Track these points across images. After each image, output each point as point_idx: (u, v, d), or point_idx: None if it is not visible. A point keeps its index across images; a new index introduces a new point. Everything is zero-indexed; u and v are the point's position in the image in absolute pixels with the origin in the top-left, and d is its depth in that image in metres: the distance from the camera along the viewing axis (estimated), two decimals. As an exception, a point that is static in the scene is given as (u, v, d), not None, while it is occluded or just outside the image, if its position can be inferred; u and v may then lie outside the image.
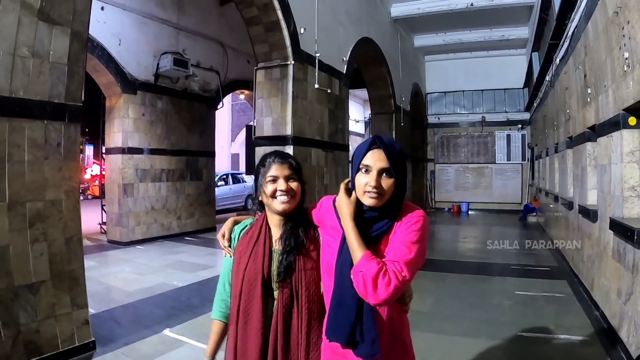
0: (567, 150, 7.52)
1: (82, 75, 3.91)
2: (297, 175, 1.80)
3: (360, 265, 1.42)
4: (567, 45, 6.90)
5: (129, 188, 9.57)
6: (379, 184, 1.51)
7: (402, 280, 1.38)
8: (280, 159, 1.79)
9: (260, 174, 1.79)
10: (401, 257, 1.43)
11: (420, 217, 1.53)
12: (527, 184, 17.20)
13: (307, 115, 8.03)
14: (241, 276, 1.76)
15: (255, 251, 1.78)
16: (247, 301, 1.74)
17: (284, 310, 1.72)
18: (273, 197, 1.76)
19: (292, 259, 1.74)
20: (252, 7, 7.34)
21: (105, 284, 6.45)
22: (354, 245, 1.47)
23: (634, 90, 3.76)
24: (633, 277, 3.73)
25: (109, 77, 9.08)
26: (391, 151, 1.53)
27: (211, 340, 1.92)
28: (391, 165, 1.51)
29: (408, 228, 1.50)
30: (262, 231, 1.81)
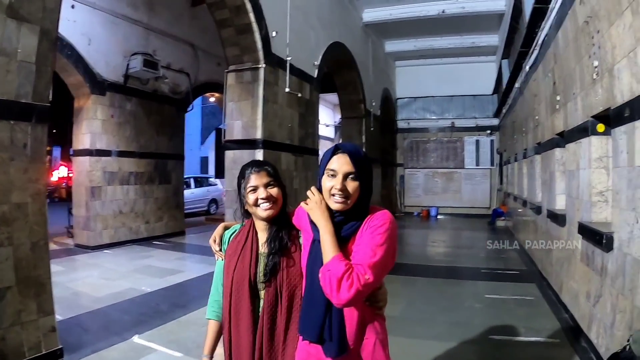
0: (536, 155, 7.68)
1: (51, 75, 3.77)
2: (275, 181, 1.90)
3: (329, 264, 1.47)
4: (537, 53, 7.06)
5: (96, 191, 9.34)
6: (345, 187, 1.57)
7: (364, 283, 1.41)
8: (257, 168, 1.90)
9: (242, 186, 1.90)
10: (366, 260, 1.46)
11: (386, 220, 1.57)
12: (496, 188, 17.54)
13: (278, 119, 7.97)
14: (230, 277, 1.87)
15: (243, 254, 1.88)
16: (237, 301, 1.84)
17: (270, 309, 1.80)
18: (256, 205, 1.86)
19: (277, 260, 1.83)
20: (224, 9, 7.25)
21: (73, 289, 6.26)
22: (328, 245, 1.52)
23: (602, 98, 3.86)
24: (602, 279, 3.81)
25: (77, 77, 8.85)
26: (355, 155, 1.61)
27: (208, 339, 2.02)
28: (355, 168, 1.58)
29: (374, 231, 1.53)
30: (250, 235, 1.92)
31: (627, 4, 3.10)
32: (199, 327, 4.80)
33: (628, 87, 3.20)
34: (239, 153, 7.57)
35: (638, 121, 3.03)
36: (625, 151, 3.30)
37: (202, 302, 5.53)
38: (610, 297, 3.55)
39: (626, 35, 3.18)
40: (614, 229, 3.61)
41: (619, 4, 3.28)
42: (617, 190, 3.54)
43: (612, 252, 3.56)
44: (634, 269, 3.08)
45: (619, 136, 3.46)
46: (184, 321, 5.04)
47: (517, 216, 11.06)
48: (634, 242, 3.12)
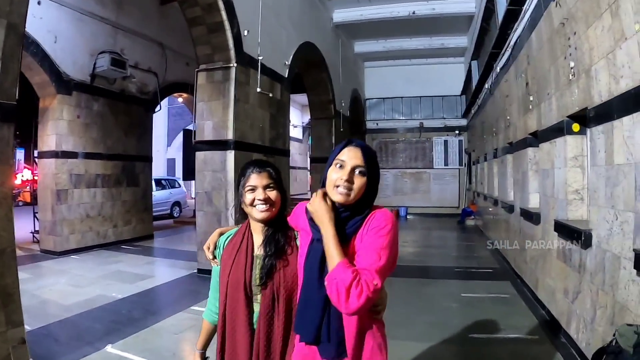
0: (507, 155, 7.82)
1: (18, 72, 3.56)
2: (276, 184, 1.85)
3: (336, 273, 1.40)
4: (509, 54, 7.20)
5: (62, 194, 9.00)
6: (351, 179, 1.54)
7: (373, 289, 1.36)
8: (259, 168, 1.85)
9: (241, 184, 1.86)
10: (372, 264, 1.41)
11: (389, 220, 1.53)
12: (465, 188, 17.84)
13: (249, 119, 7.86)
14: (225, 282, 1.82)
15: (238, 257, 1.83)
16: (232, 306, 1.79)
17: (267, 313, 1.75)
18: (252, 205, 1.82)
19: (273, 262, 1.78)
20: (196, 7, 7.10)
21: (40, 297, 5.99)
22: (332, 251, 1.45)
23: (578, 98, 3.94)
24: (580, 276, 3.89)
25: (43, 76, 8.51)
26: (367, 151, 1.60)
27: (202, 337, 2.02)
28: (365, 164, 1.56)
29: (377, 232, 1.49)
30: (245, 238, 1.87)
31: (607, 6, 3.17)
32: (173, 335, 4.70)
33: (606, 87, 3.28)
34: (210, 154, 7.44)
35: (616, 121, 3.10)
36: (603, 150, 3.38)
37: (176, 309, 5.50)
38: (590, 293, 3.62)
39: (605, 37, 3.25)
40: (592, 226, 3.69)
41: (597, 6, 3.35)
42: (595, 188, 3.62)
43: (591, 248, 3.63)
44: (614, 265, 3.14)
45: (596, 135, 3.53)
46: (158, 329, 4.89)
47: (488, 215, 11.26)
48: (613, 238, 3.19)
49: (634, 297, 2.80)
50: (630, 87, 2.88)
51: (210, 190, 7.40)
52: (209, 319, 2.01)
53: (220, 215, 7.30)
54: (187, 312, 5.39)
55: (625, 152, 2.98)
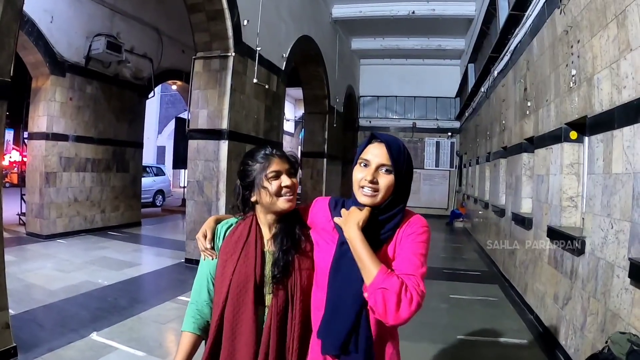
0: (501, 159, 7.86)
1: (14, 48, 3.48)
2: (295, 170, 1.67)
3: (380, 281, 1.28)
4: (508, 59, 7.22)
5: (51, 177, 8.87)
6: (376, 179, 1.43)
7: (422, 295, 1.28)
8: (279, 152, 1.65)
9: (256, 170, 1.61)
10: (415, 270, 1.34)
11: (426, 228, 1.47)
12: (454, 190, 17.93)
13: (244, 110, 7.80)
14: (228, 281, 1.56)
15: (245, 253, 1.59)
16: (236, 309, 1.55)
17: (278, 317, 1.54)
18: (278, 194, 1.59)
19: (290, 258, 1.58)
20: (196, -6, 7.04)
21: (25, 281, 5.90)
22: (367, 260, 1.33)
23: (578, 106, 3.97)
24: (572, 282, 3.93)
25: (37, 56, 8.34)
26: (393, 147, 1.45)
27: (182, 354, 1.60)
28: (391, 161, 1.43)
29: (416, 238, 1.42)
30: (252, 230, 1.64)
31: (613, 17, 3.18)
32: (160, 325, 4.66)
33: (608, 96, 3.29)
34: (203, 143, 7.38)
35: (617, 130, 3.11)
36: (601, 159, 3.40)
37: (162, 298, 5.47)
38: (581, 300, 3.65)
39: (610, 47, 3.26)
40: (586, 233, 3.72)
41: (603, 16, 3.36)
42: (591, 196, 3.64)
43: (584, 256, 3.66)
44: (607, 273, 3.17)
45: (595, 144, 3.55)
46: (144, 317, 4.84)
47: (477, 218, 11.32)
48: (607, 247, 3.22)
49: (627, 306, 2.82)
50: (633, 97, 2.89)
51: (201, 179, 7.35)
52: (193, 329, 1.64)
53: (210, 205, 7.25)
54: (173, 302, 5.35)
55: (624, 162, 3.00)
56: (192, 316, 1.65)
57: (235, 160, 7.19)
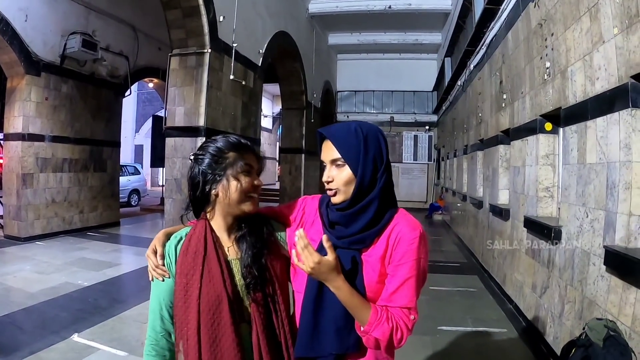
0: (478, 152, 7.95)
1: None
2: (261, 171, 1.50)
3: (371, 328, 1.25)
4: (484, 52, 7.30)
5: (28, 178, 8.67)
6: (331, 178, 1.35)
7: (412, 326, 1.29)
8: (252, 145, 1.47)
9: (229, 159, 1.40)
10: (410, 300, 1.29)
11: (416, 239, 1.31)
12: (433, 183, 18.12)
13: (221, 106, 7.75)
14: (195, 307, 1.33)
15: (207, 269, 1.37)
16: (212, 338, 1.32)
17: (265, 331, 1.37)
18: (247, 193, 1.41)
19: (263, 261, 1.41)
20: (172, -10, 6.95)
21: (4, 284, 5.78)
22: (357, 306, 1.28)
23: (553, 98, 4.03)
24: (549, 271, 4.00)
25: (12, 55, 8.13)
26: (338, 136, 1.35)
27: None
28: (341, 153, 1.32)
29: (409, 258, 1.30)
30: (209, 241, 1.41)
31: (586, 9, 3.23)
32: (141, 324, 4.58)
33: (581, 88, 3.35)
34: (180, 141, 7.30)
35: (590, 121, 3.18)
36: (575, 149, 3.46)
37: (143, 297, 5.41)
38: (559, 288, 3.73)
39: (582, 39, 3.32)
40: (562, 222, 3.78)
41: (577, 9, 3.41)
42: (566, 186, 3.71)
43: (560, 245, 3.73)
44: (583, 261, 3.24)
45: (569, 135, 3.62)
46: (125, 317, 4.80)
47: (455, 210, 11.45)
48: (583, 235, 3.28)
49: (603, 293, 2.89)
50: (605, 89, 2.95)
51: (179, 177, 7.27)
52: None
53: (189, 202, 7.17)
54: (154, 302, 5.30)
55: (597, 152, 3.06)
56: (150, 354, 1.43)
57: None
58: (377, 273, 1.33)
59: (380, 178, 1.34)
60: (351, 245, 1.35)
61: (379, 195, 1.33)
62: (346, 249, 1.35)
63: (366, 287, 1.33)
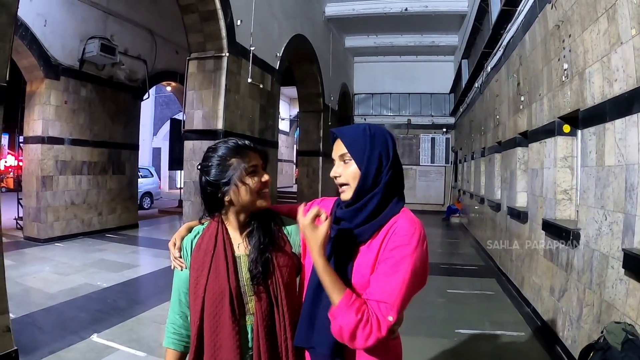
0: (495, 154, 7.90)
1: (9, 53, 3.46)
2: (266, 164, 1.56)
3: (337, 312, 1.23)
4: (501, 54, 7.26)
5: (47, 181, 8.84)
6: (339, 173, 1.39)
7: (386, 327, 1.20)
8: (250, 143, 1.51)
9: (234, 165, 1.45)
10: (389, 296, 1.22)
11: (415, 234, 1.29)
12: (450, 186, 18.00)
13: (239, 109, 7.82)
14: (201, 298, 1.45)
15: (215, 265, 1.46)
16: (213, 328, 1.43)
17: (265, 323, 1.44)
18: (259, 192, 1.47)
19: (269, 256, 1.47)
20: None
21: (24, 285, 5.89)
22: (330, 287, 1.26)
23: (571, 100, 4.00)
24: (567, 275, 3.97)
25: (31, 59, 8.31)
26: (347, 134, 1.40)
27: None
28: (349, 149, 1.36)
29: (399, 252, 1.27)
30: (219, 239, 1.50)
31: (603, 11, 3.21)
32: (160, 325, 4.64)
33: (599, 90, 3.33)
34: (199, 144, 7.39)
35: (609, 123, 3.15)
36: (594, 151, 3.43)
37: (161, 298, 5.45)
38: (577, 292, 3.69)
39: (600, 41, 3.30)
40: (580, 225, 3.75)
41: (594, 10, 3.39)
42: (585, 188, 3.67)
43: (579, 248, 3.70)
44: (602, 264, 3.21)
45: (587, 137, 3.59)
46: (144, 318, 4.86)
47: (473, 213, 11.36)
48: (601, 238, 3.25)
49: (621, 296, 2.86)
50: (623, 90, 2.92)
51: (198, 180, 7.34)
52: (174, 345, 1.59)
53: (208, 205, 7.26)
54: (172, 303, 5.37)
55: (616, 154, 3.04)
56: (169, 331, 1.59)
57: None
58: (369, 270, 1.32)
59: (385, 174, 1.35)
60: (350, 239, 1.38)
61: (382, 190, 1.35)
62: (344, 243, 1.39)
63: (355, 284, 1.34)
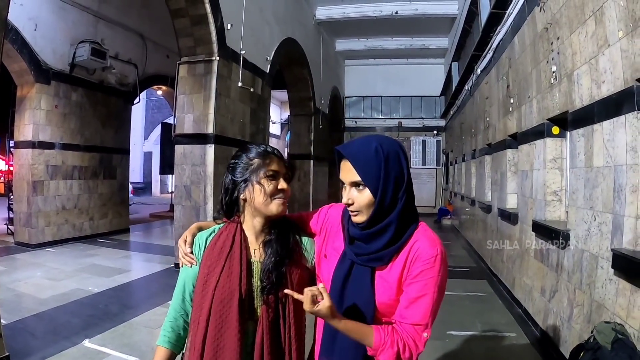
0: (486, 156, 7.94)
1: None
2: (290, 176, 1.56)
3: (377, 352, 1.27)
4: (491, 56, 7.31)
5: (38, 185, 8.79)
6: (352, 200, 1.34)
7: (423, 344, 1.28)
8: (278, 152, 1.54)
9: (255, 165, 1.48)
10: (423, 317, 1.28)
11: (433, 257, 1.31)
12: (442, 188, 18.08)
13: (230, 113, 7.81)
14: (210, 297, 1.42)
15: (229, 265, 1.46)
16: (218, 327, 1.40)
17: (270, 331, 1.42)
18: (272, 196, 1.48)
19: (283, 269, 1.46)
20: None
21: (15, 290, 5.85)
22: (358, 335, 1.28)
23: (559, 102, 4.03)
24: (558, 275, 3.99)
25: (21, 64, 8.27)
26: (358, 158, 1.32)
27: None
28: (363, 177, 1.31)
29: (427, 274, 1.30)
30: (236, 240, 1.50)
31: (591, 13, 3.24)
32: (152, 330, 4.62)
33: (588, 92, 3.36)
34: (189, 148, 7.38)
35: (597, 124, 3.18)
36: (582, 153, 3.46)
37: (153, 303, 5.45)
38: (567, 292, 3.71)
39: (588, 43, 3.33)
40: (570, 226, 3.78)
41: (582, 12, 3.42)
42: (574, 189, 3.70)
43: (569, 248, 3.72)
44: (591, 264, 3.23)
45: (576, 138, 3.62)
46: (136, 323, 4.83)
47: (464, 215, 11.42)
48: (591, 239, 3.28)
49: (611, 296, 2.88)
50: (611, 92, 2.95)
51: (189, 184, 7.34)
52: (168, 345, 1.54)
53: (198, 209, 7.25)
54: (164, 307, 5.31)
55: (604, 155, 3.06)
56: (167, 329, 1.56)
57: (222, 164, 7.16)
58: (394, 291, 1.33)
59: (400, 198, 1.33)
60: (368, 263, 1.36)
61: (397, 216, 1.33)
62: (362, 266, 1.37)
63: (380, 305, 1.35)
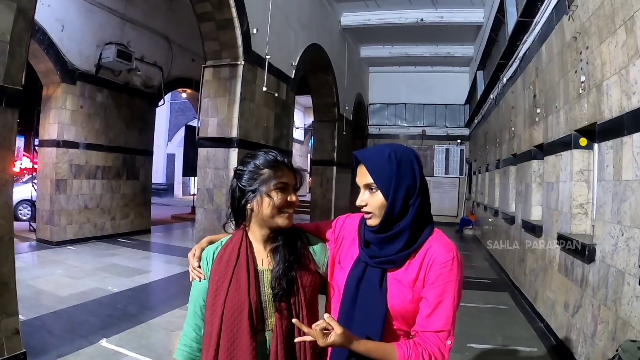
0: (510, 166, 7.82)
1: (25, 57, 3.51)
2: (299, 187, 1.54)
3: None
4: (517, 65, 7.21)
5: (62, 184, 8.98)
6: (365, 202, 1.37)
7: (447, 351, 1.29)
8: (289, 162, 1.50)
9: (264, 176, 1.44)
10: (445, 323, 1.29)
11: (449, 261, 1.31)
12: (464, 197, 17.84)
13: (254, 118, 7.83)
14: (220, 311, 1.40)
15: (236, 277, 1.43)
16: (230, 342, 1.38)
17: (285, 340, 1.38)
18: (281, 209, 1.45)
19: (293, 275, 1.43)
20: (206, 3, 7.06)
21: (35, 287, 5.95)
22: (380, 355, 1.28)
23: (588, 113, 3.94)
24: (582, 290, 3.89)
25: (48, 64, 8.47)
26: (372, 162, 1.36)
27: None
28: (375, 179, 1.34)
29: (442, 281, 1.30)
30: (242, 251, 1.47)
31: (621, 22, 3.17)
32: (169, 332, 4.65)
33: (617, 103, 3.27)
34: (213, 151, 7.42)
35: (626, 137, 3.09)
36: (611, 165, 3.37)
37: (172, 305, 5.47)
38: (592, 308, 3.61)
39: (618, 53, 3.25)
40: (596, 240, 3.68)
41: (612, 22, 3.35)
42: (601, 203, 3.61)
43: (594, 263, 3.63)
44: (618, 280, 3.14)
45: (604, 150, 3.53)
46: (154, 325, 4.85)
47: (487, 225, 11.25)
48: (618, 254, 3.18)
49: (637, 314, 2.79)
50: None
51: (211, 187, 7.38)
52: (183, 358, 1.53)
53: (220, 212, 7.27)
54: (183, 309, 5.33)
55: (634, 168, 2.98)
56: (182, 343, 1.55)
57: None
58: (408, 294, 1.33)
59: (412, 205, 1.35)
60: (381, 265, 1.37)
61: (411, 223, 1.34)
62: (375, 268, 1.38)
63: (392, 307, 1.34)
